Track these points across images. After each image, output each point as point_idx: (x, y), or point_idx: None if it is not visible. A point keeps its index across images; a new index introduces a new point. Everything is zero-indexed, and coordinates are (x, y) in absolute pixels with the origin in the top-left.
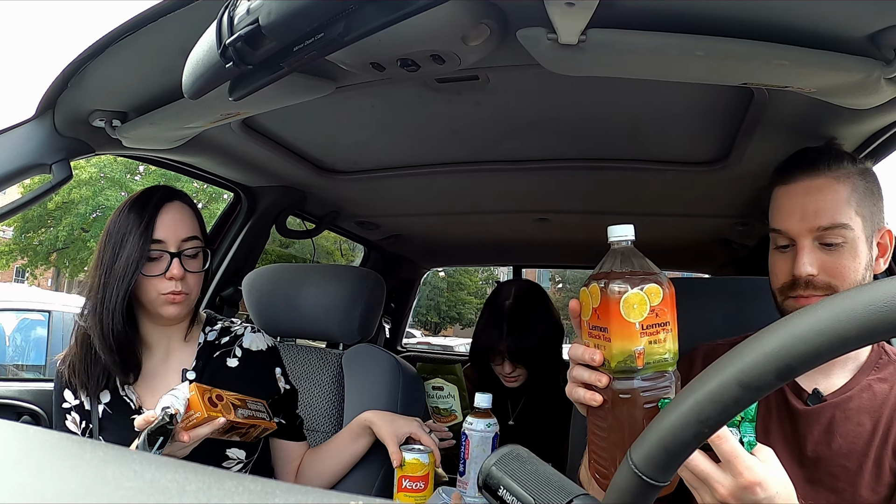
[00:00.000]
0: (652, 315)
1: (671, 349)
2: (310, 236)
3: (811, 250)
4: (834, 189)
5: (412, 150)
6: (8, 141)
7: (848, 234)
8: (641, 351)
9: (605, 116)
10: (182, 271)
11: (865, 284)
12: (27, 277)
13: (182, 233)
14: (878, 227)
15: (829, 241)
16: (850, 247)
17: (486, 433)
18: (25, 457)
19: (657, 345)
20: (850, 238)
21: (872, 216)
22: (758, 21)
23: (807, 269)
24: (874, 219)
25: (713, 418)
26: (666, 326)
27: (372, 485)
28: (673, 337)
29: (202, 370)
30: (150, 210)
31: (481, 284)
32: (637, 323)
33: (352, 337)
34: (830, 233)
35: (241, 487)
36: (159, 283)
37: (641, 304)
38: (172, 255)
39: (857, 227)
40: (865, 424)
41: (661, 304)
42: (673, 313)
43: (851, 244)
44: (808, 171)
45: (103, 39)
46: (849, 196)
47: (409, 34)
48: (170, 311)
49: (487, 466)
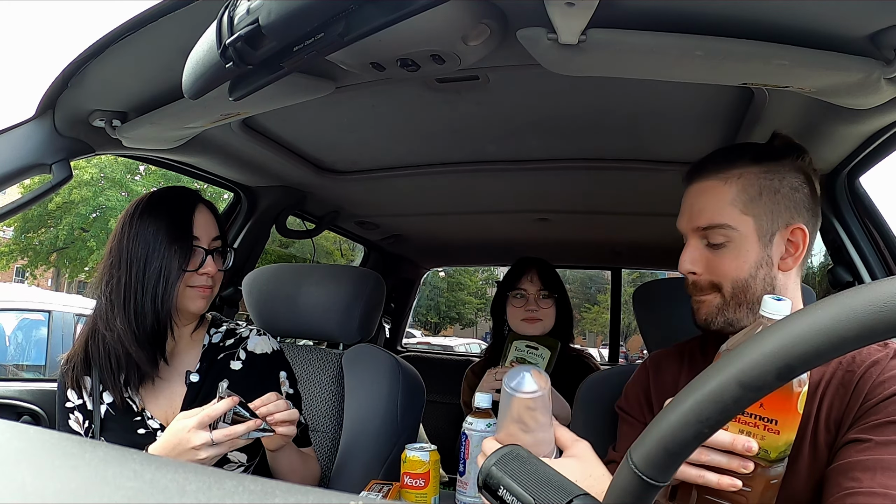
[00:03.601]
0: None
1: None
2: (310, 236)
3: (694, 248)
4: (718, 190)
5: (412, 150)
6: (8, 141)
7: (731, 234)
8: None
9: (605, 116)
10: (215, 268)
11: (865, 284)
12: (27, 277)
13: (212, 232)
14: (785, 224)
15: (712, 240)
16: (733, 246)
17: (486, 433)
18: (25, 457)
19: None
20: (735, 237)
21: (773, 214)
22: (758, 21)
23: (685, 265)
24: (776, 217)
25: (713, 418)
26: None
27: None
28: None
29: (206, 372)
30: (188, 209)
31: (481, 284)
32: (801, 413)
33: (352, 337)
34: (711, 232)
35: (241, 487)
36: (192, 277)
37: (805, 394)
38: (207, 252)
39: (745, 227)
40: (805, 407)
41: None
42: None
43: (736, 243)
44: (699, 173)
45: (103, 39)
46: (735, 197)
47: (409, 34)
48: (200, 304)
49: (487, 466)
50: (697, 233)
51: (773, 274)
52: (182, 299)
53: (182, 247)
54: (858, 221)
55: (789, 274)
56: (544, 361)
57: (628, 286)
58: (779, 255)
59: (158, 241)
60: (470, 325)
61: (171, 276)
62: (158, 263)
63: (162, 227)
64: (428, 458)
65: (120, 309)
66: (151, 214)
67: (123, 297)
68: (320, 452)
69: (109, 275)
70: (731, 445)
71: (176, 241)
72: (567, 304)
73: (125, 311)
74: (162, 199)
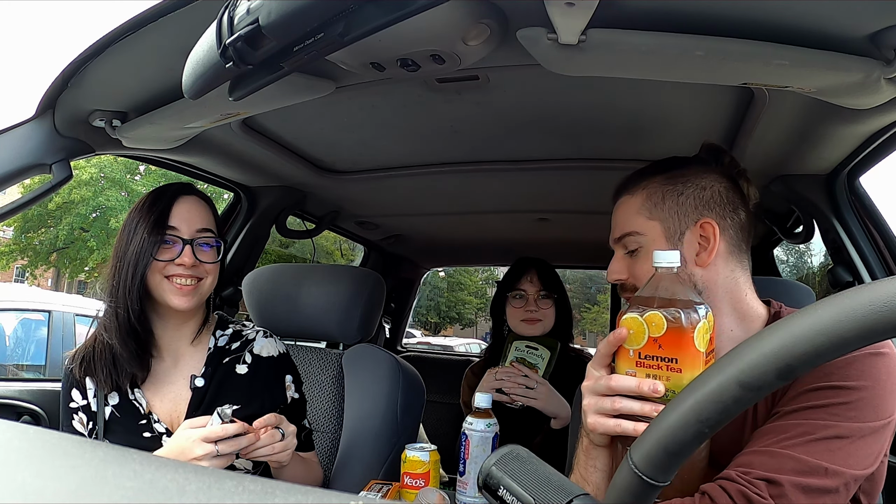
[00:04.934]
0: (710, 343)
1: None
2: (310, 236)
3: (617, 259)
4: (627, 204)
5: (412, 149)
6: (8, 141)
7: (641, 240)
8: None
9: (605, 116)
10: (193, 259)
11: (865, 284)
12: (27, 277)
13: (196, 223)
14: (694, 221)
15: (628, 248)
16: (645, 250)
17: (486, 433)
18: (25, 457)
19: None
20: (644, 242)
21: (679, 215)
22: (758, 21)
23: (611, 275)
24: (682, 217)
25: (713, 418)
26: (714, 351)
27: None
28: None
29: (211, 376)
30: (166, 200)
31: (481, 284)
32: (704, 352)
33: (352, 337)
34: (626, 240)
35: (241, 487)
36: (168, 268)
37: (706, 332)
38: (185, 242)
39: (652, 231)
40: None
41: (712, 329)
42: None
43: (647, 247)
44: (616, 194)
45: (103, 39)
46: (640, 206)
47: (409, 34)
48: (177, 301)
49: (487, 466)
50: (616, 244)
51: (689, 271)
52: (160, 291)
53: (156, 236)
54: (858, 221)
55: (712, 269)
56: (544, 362)
57: None
58: (693, 251)
59: (135, 233)
60: (470, 325)
61: (140, 263)
62: (132, 254)
63: (142, 218)
64: (428, 458)
65: (108, 304)
66: (137, 211)
67: (109, 291)
68: (320, 452)
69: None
70: (637, 389)
71: (150, 232)
72: (567, 304)
73: (110, 305)
74: (149, 195)
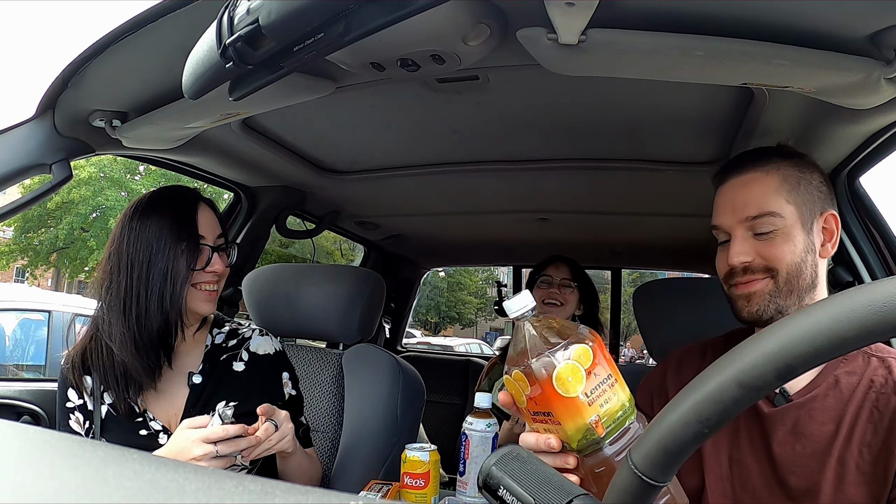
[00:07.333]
0: (591, 378)
1: (624, 398)
2: (310, 236)
3: (743, 240)
4: (761, 181)
5: (412, 150)
6: (8, 141)
7: (778, 222)
8: (597, 419)
9: (605, 116)
10: (223, 266)
11: (865, 284)
12: (27, 277)
13: (216, 229)
14: (820, 212)
15: (760, 230)
16: (782, 233)
17: (486, 433)
18: (25, 457)
19: (609, 404)
20: (782, 225)
21: (810, 203)
22: (758, 21)
23: (737, 258)
24: (812, 206)
25: (713, 418)
26: (609, 380)
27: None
28: (621, 384)
29: (209, 374)
30: (191, 207)
31: (481, 284)
32: (580, 394)
33: (352, 337)
34: (759, 222)
35: (241, 487)
36: (198, 276)
37: (576, 373)
38: (214, 250)
39: (789, 215)
40: (829, 425)
41: (594, 360)
42: (609, 360)
43: (784, 231)
44: (737, 169)
45: (103, 39)
46: (778, 186)
47: (409, 34)
48: (206, 307)
49: (487, 466)
50: (744, 224)
51: (816, 261)
52: (189, 300)
53: (189, 246)
54: (858, 221)
55: (824, 262)
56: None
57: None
58: (819, 242)
59: (163, 242)
60: (470, 325)
61: (179, 276)
62: (164, 265)
63: (165, 226)
64: (428, 458)
65: (119, 315)
66: (153, 215)
67: (124, 302)
68: (320, 452)
69: (109, 280)
70: (536, 446)
71: (182, 241)
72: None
73: (125, 316)
74: (162, 198)
